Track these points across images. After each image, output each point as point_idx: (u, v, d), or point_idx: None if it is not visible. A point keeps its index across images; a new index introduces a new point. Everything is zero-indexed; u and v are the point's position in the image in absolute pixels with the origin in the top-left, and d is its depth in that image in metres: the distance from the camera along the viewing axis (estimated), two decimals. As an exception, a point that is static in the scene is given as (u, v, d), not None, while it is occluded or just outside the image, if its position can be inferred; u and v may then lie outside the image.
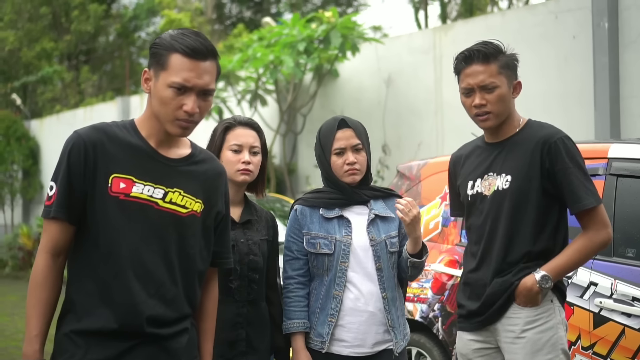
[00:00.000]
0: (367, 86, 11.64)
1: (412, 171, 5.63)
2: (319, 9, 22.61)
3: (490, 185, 3.41)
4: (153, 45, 2.71)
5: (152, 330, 2.67)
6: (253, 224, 3.51)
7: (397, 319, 3.50)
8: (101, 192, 2.63)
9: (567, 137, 3.34)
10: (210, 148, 3.49)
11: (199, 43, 2.65)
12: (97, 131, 2.68)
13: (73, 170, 2.63)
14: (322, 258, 3.47)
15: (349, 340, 3.44)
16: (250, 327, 3.41)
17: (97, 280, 2.63)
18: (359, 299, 3.44)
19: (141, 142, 2.72)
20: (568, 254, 3.30)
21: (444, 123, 10.40)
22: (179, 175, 2.76)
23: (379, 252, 3.48)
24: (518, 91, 3.40)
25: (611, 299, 3.94)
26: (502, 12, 14.29)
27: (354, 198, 3.54)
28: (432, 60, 10.64)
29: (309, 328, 3.48)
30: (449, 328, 4.88)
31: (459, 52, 3.41)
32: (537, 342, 3.28)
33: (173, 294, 2.73)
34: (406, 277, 3.55)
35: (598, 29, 8.38)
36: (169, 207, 2.71)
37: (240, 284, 3.39)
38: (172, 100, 2.64)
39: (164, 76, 2.64)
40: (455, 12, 21.89)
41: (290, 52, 10.89)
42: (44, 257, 2.66)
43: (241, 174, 3.45)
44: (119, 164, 2.65)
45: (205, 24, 21.37)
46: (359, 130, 3.55)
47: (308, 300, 3.52)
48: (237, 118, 3.57)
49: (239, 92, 12.22)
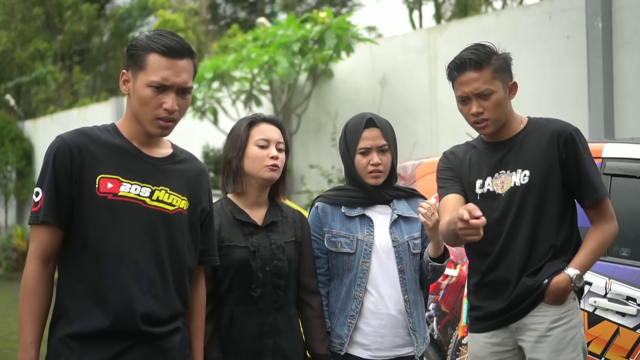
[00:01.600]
0: (361, 86, 11.64)
1: (407, 171, 5.64)
2: (314, 9, 22.62)
3: (503, 183, 3.33)
4: (130, 47, 2.74)
5: (147, 328, 2.67)
6: (278, 226, 3.33)
7: (418, 322, 3.43)
8: (89, 193, 2.64)
9: (577, 129, 3.33)
10: (234, 144, 3.32)
11: (175, 42, 2.69)
12: (80, 135, 2.70)
13: (59, 174, 2.64)
14: (342, 257, 3.39)
15: (368, 344, 3.36)
16: (280, 337, 3.23)
17: (88, 282, 2.63)
18: (379, 301, 3.36)
19: (125, 142, 2.75)
20: (591, 249, 3.26)
21: (439, 123, 10.41)
22: (164, 173, 2.79)
23: (402, 253, 3.40)
24: (514, 92, 3.36)
25: (605, 298, 3.94)
26: (497, 12, 14.31)
27: (376, 197, 3.46)
28: (426, 61, 10.65)
29: (329, 328, 3.39)
30: (444, 328, 4.89)
31: (451, 61, 3.34)
32: (562, 340, 3.22)
33: (165, 291, 2.74)
34: (426, 280, 3.49)
35: (592, 29, 8.39)
36: (157, 205, 2.73)
37: (263, 291, 3.20)
38: (151, 99, 2.67)
39: (143, 76, 2.67)
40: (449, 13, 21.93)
41: (284, 52, 10.89)
42: (35, 264, 2.64)
43: (270, 170, 3.25)
44: (105, 165, 2.68)
45: (199, 25, 21.37)
46: (386, 130, 3.47)
47: (327, 300, 3.43)
48: (260, 115, 3.41)
49: (233, 93, 12.22)
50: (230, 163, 3.29)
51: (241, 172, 3.28)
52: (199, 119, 12.53)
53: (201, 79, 11.90)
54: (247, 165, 3.26)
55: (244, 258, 3.18)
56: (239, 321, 3.17)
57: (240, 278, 3.17)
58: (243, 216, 3.26)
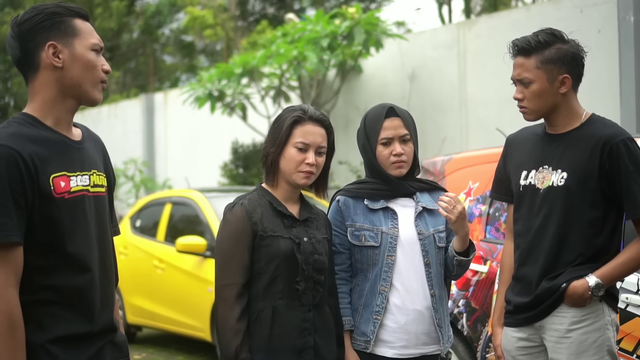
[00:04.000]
0: (390, 82, 11.62)
1: (436, 167, 5.61)
2: (343, 4, 22.60)
3: (544, 179, 3.29)
4: (48, 17, 2.54)
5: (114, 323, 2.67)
6: (312, 222, 3.24)
7: (443, 318, 3.34)
8: (47, 198, 2.46)
9: (630, 139, 3.21)
10: (274, 139, 3.18)
11: (79, 6, 2.66)
12: (17, 137, 2.46)
13: (14, 186, 2.39)
14: (367, 251, 3.29)
15: (394, 341, 3.27)
16: (318, 334, 3.13)
17: (57, 286, 2.49)
18: (405, 296, 3.27)
19: (52, 133, 2.56)
20: (622, 261, 3.19)
21: (468, 118, 10.36)
22: (88, 155, 2.65)
23: (427, 246, 3.31)
24: (567, 86, 3.25)
25: (638, 294, 3.91)
26: (527, 6, 14.22)
27: (399, 190, 3.37)
28: (455, 56, 10.60)
29: (353, 326, 3.29)
30: (474, 324, 4.87)
31: (513, 40, 3.32)
32: (583, 342, 3.18)
33: (113, 276, 2.71)
34: (450, 275, 3.41)
35: (624, 23, 8.31)
36: (96, 191, 2.63)
37: (306, 285, 3.10)
38: (96, 62, 2.58)
39: (80, 41, 2.56)
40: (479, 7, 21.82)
41: (313, 48, 10.90)
42: (12, 293, 2.39)
43: (304, 177, 3.14)
44: (50, 163, 2.49)
45: (228, 21, 21.44)
46: (407, 120, 3.38)
47: (351, 298, 3.33)
48: (308, 111, 3.20)
49: (262, 89, 12.24)
50: (267, 157, 3.19)
51: (276, 168, 3.18)
52: (228, 114, 12.58)
53: (230, 74, 11.94)
54: (283, 165, 3.16)
55: (290, 249, 3.09)
56: (281, 317, 3.07)
57: (285, 270, 3.08)
58: (283, 208, 3.18)
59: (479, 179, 5.17)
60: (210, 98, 12.13)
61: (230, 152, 13.88)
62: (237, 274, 3.06)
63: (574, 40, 3.32)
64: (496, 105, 9.66)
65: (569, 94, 3.28)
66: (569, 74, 3.25)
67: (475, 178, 5.21)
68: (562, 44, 3.26)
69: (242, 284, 3.06)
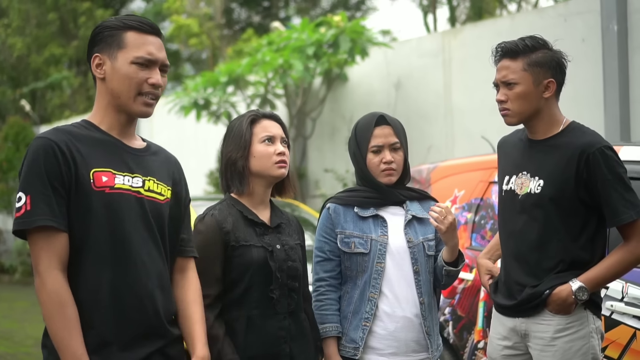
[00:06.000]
0: (376, 90, 11.64)
1: (422, 175, 5.63)
2: (328, 13, 22.63)
3: (522, 185, 3.31)
4: (100, 31, 2.65)
5: (170, 328, 2.66)
6: (284, 228, 3.25)
7: (432, 326, 3.35)
8: (85, 190, 2.52)
9: (607, 147, 3.21)
10: (237, 144, 3.18)
11: (145, 20, 2.68)
12: (61, 132, 2.57)
13: (51, 174, 2.48)
14: (356, 258, 3.31)
15: (383, 348, 3.28)
16: (294, 342, 3.13)
17: (96, 285, 2.52)
18: (395, 303, 3.29)
19: (106, 136, 2.66)
20: (607, 265, 3.19)
21: (454, 126, 10.39)
22: (148, 163, 2.72)
23: (417, 254, 3.33)
24: (551, 90, 3.28)
25: (622, 302, 3.92)
26: (511, 15, 14.28)
27: (390, 198, 3.40)
28: (441, 64, 10.63)
29: (341, 333, 3.31)
30: (460, 332, 4.87)
31: (497, 44, 3.35)
32: (568, 351, 3.19)
33: (168, 284, 2.72)
34: (439, 285, 3.43)
35: (607, 32, 8.36)
36: (150, 195, 2.66)
37: (280, 293, 3.11)
38: (136, 75, 2.61)
39: (124, 54, 2.61)
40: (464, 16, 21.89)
41: (299, 56, 10.90)
42: (57, 275, 2.47)
43: (279, 167, 3.16)
44: (94, 159, 2.57)
45: (214, 29, 21.40)
46: (397, 128, 3.42)
47: (340, 305, 3.35)
48: (259, 111, 3.28)
49: (248, 97, 12.24)
50: (236, 164, 3.16)
51: (247, 172, 3.17)
52: (214, 123, 12.56)
53: (216, 83, 11.93)
54: (255, 165, 3.16)
55: (262, 258, 3.08)
56: (256, 326, 3.05)
57: (259, 279, 3.07)
58: (254, 216, 3.17)
59: (464, 186, 5.18)
60: (196, 107, 12.11)
61: (217, 160, 13.85)
62: (208, 285, 3.01)
63: (558, 49, 3.35)
64: (481, 113, 9.68)
65: (551, 100, 3.31)
66: (554, 79, 3.28)
67: (460, 186, 5.22)
68: (547, 50, 3.30)
69: (214, 295, 3.03)
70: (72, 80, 23.79)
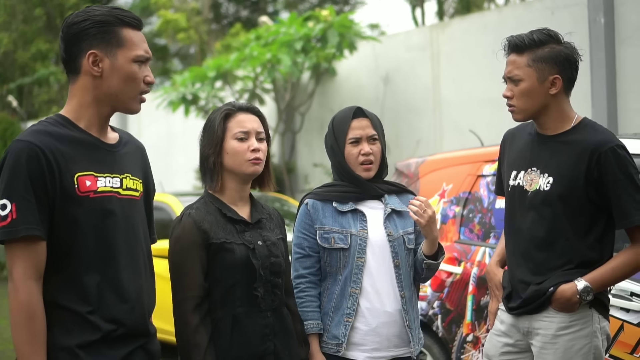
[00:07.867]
0: (364, 84, 11.64)
1: (410, 169, 5.63)
2: (316, 7, 22.61)
3: (532, 182, 3.24)
4: (91, 25, 2.54)
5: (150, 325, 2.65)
6: (265, 224, 3.16)
7: (413, 320, 3.32)
8: (70, 196, 2.47)
9: (619, 145, 3.13)
10: (210, 140, 3.09)
11: (135, 15, 2.64)
12: (42, 135, 2.49)
13: (35, 180, 2.42)
14: (336, 253, 3.27)
15: (365, 343, 3.25)
16: (277, 339, 3.06)
17: (84, 288, 2.50)
18: (376, 298, 3.26)
19: (84, 134, 2.59)
20: (613, 266, 3.14)
21: (442, 120, 10.40)
22: (122, 159, 2.68)
23: (397, 248, 3.30)
24: (557, 86, 3.20)
25: (610, 294, 3.94)
26: (499, 8, 14.30)
27: (368, 191, 3.37)
28: (429, 58, 10.64)
29: (322, 330, 3.27)
30: (449, 325, 4.89)
31: (507, 37, 3.29)
32: (570, 349, 3.14)
33: (151, 282, 2.71)
34: (419, 278, 3.39)
35: (594, 25, 8.38)
36: (128, 194, 2.64)
37: (264, 290, 3.04)
38: (138, 74, 2.59)
39: (124, 52, 2.57)
40: (452, 9, 21.91)
41: (287, 51, 10.90)
42: (31, 285, 2.41)
43: (252, 164, 3.05)
44: (77, 162, 2.51)
45: (201, 24, 21.36)
46: (374, 121, 3.40)
47: (320, 301, 3.31)
48: (235, 104, 3.15)
49: (236, 92, 12.22)
50: (208, 160, 3.08)
51: (219, 168, 3.08)
52: (202, 118, 12.54)
53: (204, 78, 11.91)
54: (227, 161, 3.06)
55: (245, 256, 3.01)
56: (241, 324, 2.99)
57: (242, 277, 3.00)
58: (233, 213, 3.09)
59: (452, 180, 5.19)
60: (184, 102, 12.09)
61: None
62: (191, 287, 2.96)
63: (570, 43, 3.28)
64: (470, 106, 9.70)
65: (559, 96, 3.23)
66: (560, 75, 3.21)
67: (449, 180, 5.23)
68: (556, 44, 3.23)
69: (198, 296, 2.97)
70: (59, 76, 23.69)
